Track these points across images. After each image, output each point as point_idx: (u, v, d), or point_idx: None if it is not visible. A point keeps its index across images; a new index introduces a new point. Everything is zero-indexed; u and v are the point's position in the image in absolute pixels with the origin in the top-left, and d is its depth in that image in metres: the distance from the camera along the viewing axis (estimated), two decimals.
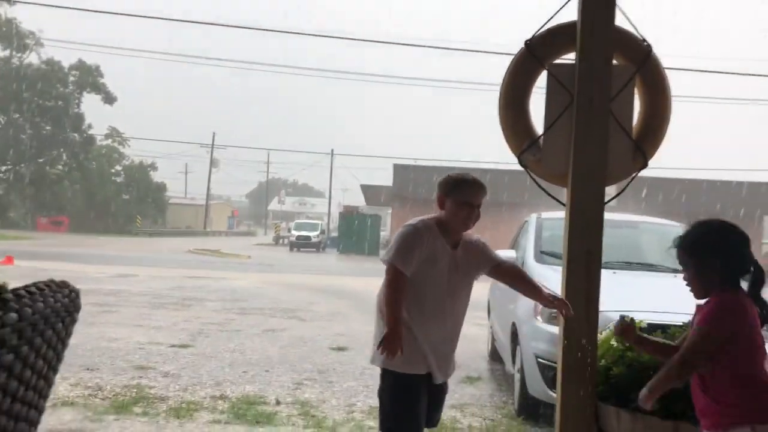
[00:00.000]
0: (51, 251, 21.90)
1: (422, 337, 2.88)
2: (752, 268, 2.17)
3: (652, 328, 3.33)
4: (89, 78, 44.28)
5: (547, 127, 3.27)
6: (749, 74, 23.65)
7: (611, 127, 3.18)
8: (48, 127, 43.46)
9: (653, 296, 4.61)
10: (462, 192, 2.91)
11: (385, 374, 2.94)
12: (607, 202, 3.22)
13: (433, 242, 2.89)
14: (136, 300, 10.63)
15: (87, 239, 34.22)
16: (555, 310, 3.21)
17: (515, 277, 3.11)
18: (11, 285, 1.38)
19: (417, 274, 2.87)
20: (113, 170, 48.84)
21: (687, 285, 2.26)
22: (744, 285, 2.19)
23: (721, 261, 2.16)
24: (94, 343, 6.76)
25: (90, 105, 45.47)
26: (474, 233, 3.07)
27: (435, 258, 2.89)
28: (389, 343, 2.75)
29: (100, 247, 27.52)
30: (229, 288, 13.26)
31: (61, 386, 4.93)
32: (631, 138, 3.22)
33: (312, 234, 36.38)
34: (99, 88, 44.79)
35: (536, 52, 3.30)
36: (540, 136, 3.30)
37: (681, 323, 3.22)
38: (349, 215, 35.05)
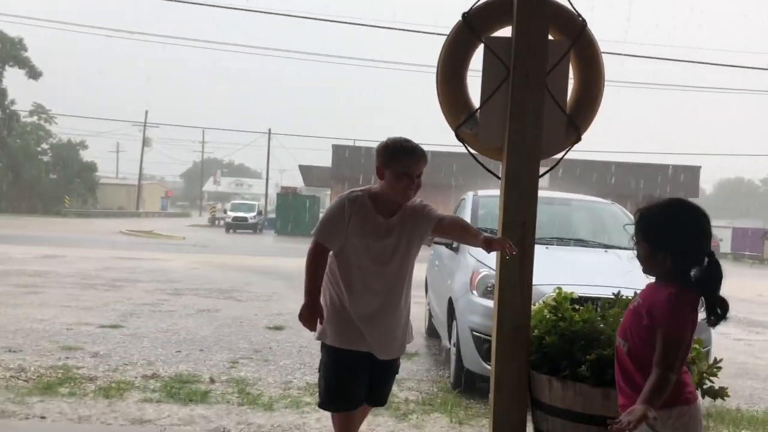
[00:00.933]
0: None
1: (355, 312, 2.85)
2: (708, 262, 2.06)
3: (583, 300, 3.42)
4: (12, 51, 42.22)
5: (484, 100, 3.27)
6: (686, 61, 24.48)
7: (546, 102, 3.20)
8: None
9: (584, 270, 4.74)
10: (400, 163, 2.83)
11: (323, 348, 2.91)
12: (541, 175, 3.26)
13: (361, 214, 2.84)
14: (63, 281, 10.25)
15: (12, 220, 32.81)
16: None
17: (458, 228, 3.01)
18: None
19: (345, 249, 2.84)
20: (39, 148, 46.83)
21: (638, 259, 2.18)
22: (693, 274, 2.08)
23: (674, 251, 2.06)
24: (17, 325, 6.48)
25: (13, 80, 43.43)
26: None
27: (363, 231, 2.84)
28: (305, 314, 2.84)
29: (25, 228, 26.43)
30: (162, 269, 12.95)
31: None
32: (565, 112, 3.25)
33: (248, 215, 35.87)
34: (23, 62, 42.79)
35: (473, 25, 3.28)
36: (477, 109, 3.30)
37: (612, 295, 3.30)
38: (286, 196, 34.69)
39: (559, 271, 4.39)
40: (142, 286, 10.14)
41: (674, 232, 2.08)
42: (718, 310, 2.02)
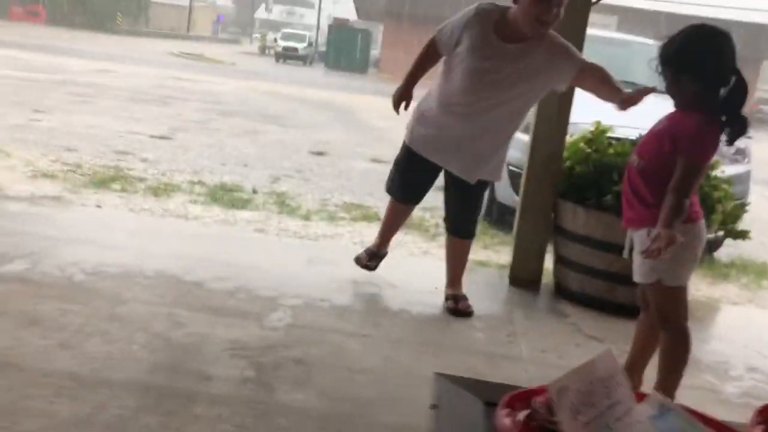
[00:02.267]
0: (25, 42, 21.16)
1: (441, 124, 2.81)
2: (734, 80, 1.99)
3: (621, 139, 3.42)
4: None
5: None
6: None
7: None
8: None
9: (631, 112, 4.66)
10: None
11: (403, 144, 3.01)
12: (593, 3, 3.19)
13: (478, 29, 2.67)
14: (115, 94, 10.49)
15: (64, 33, 32.99)
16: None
17: (599, 79, 2.68)
18: None
19: (453, 59, 2.74)
20: None
21: (665, 91, 2.10)
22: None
23: (697, 72, 2.00)
24: (72, 129, 6.77)
25: None
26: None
27: (473, 46, 2.67)
28: (395, 94, 2.90)
29: (78, 42, 26.62)
30: (211, 91, 13.09)
31: (41, 161, 5.01)
32: None
33: (299, 46, 35.30)
34: None
35: None
36: None
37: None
38: (338, 28, 33.85)
39: (600, 110, 4.34)
40: (191, 105, 10.34)
41: (696, 52, 2.02)
42: (737, 128, 2.02)
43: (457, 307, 2.90)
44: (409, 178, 3.02)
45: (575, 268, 3.23)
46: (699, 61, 2.01)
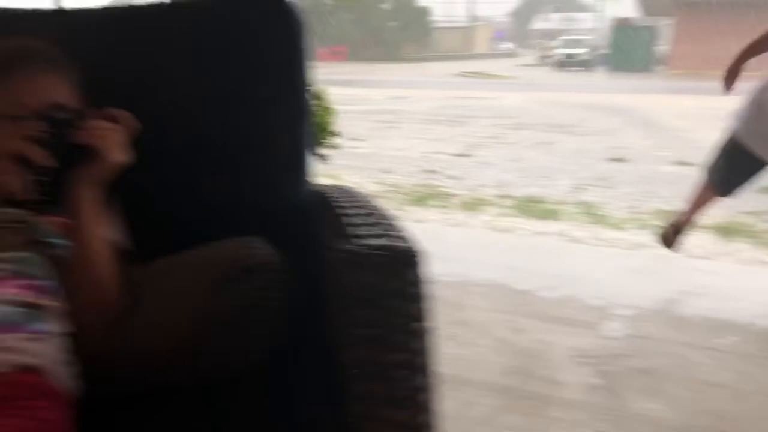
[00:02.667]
0: (334, 78, 23.82)
1: None
2: None
3: None
4: None
5: None
6: None
7: None
8: None
9: None
10: None
11: (731, 138, 2.70)
12: None
13: None
14: (413, 117, 11.32)
15: (362, 66, 36.43)
16: None
17: None
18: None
19: None
20: None
21: None
22: None
23: None
24: (385, 152, 7.48)
25: None
26: None
27: None
28: (727, 69, 2.63)
29: (374, 73, 29.19)
30: (497, 106, 13.43)
31: (367, 183, 5.63)
32: None
33: (579, 51, 34.48)
34: None
35: None
36: None
37: None
38: (620, 29, 32.38)
39: None
40: (482, 122, 10.72)
41: None
42: None
43: None
44: (736, 175, 2.78)
45: None
46: None
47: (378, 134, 9.09)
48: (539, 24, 70.04)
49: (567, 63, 33.92)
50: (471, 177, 6.08)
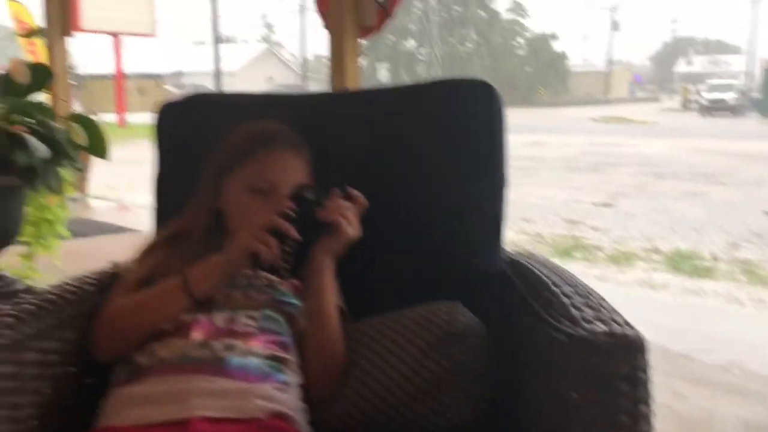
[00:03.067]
0: None
1: None
2: None
3: None
4: None
5: None
6: None
7: None
8: (457, 8, 46.45)
9: None
10: None
11: None
12: None
13: None
14: (551, 164, 11.21)
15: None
16: None
17: None
18: None
19: None
20: (515, 43, 50.31)
21: None
22: None
23: None
24: (525, 200, 7.47)
25: None
26: None
27: None
28: None
29: (510, 117, 29.12)
30: (638, 153, 13.01)
31: (509, 233, 5.65)
32: None
33: (727, 96, 32.66)
34: None
35: None
36: None
37: None
38: None
39: None
40: (624, 170, 10.44)
41: None
42: None
43: None
44: None
45: None
46: None
47: (516, 181, 9.02)
48: (682, 67, 67.25)
49: (713, 108, 32.21)
50: (615, 228, 5.94)
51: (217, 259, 1.07)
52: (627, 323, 0.86)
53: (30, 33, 4.87)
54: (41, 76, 3.17)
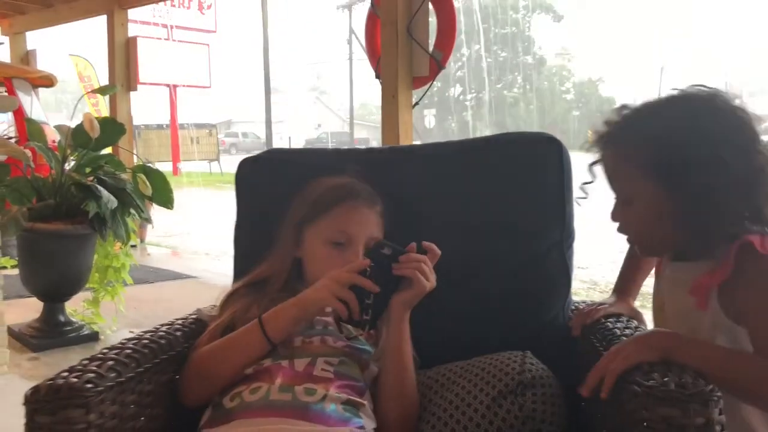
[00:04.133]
0: None
1: None
2: None
3: None
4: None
5: None
6: None
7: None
8: (503, 54, 46.94)
9: None
10: None
11: None
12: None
13: None
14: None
15: None
16: None
17: None
18: None
19: None
20: (563, 88, 50.41)
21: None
22: None
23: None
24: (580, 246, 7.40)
25: (539, 26, 47.53)
26: None
27: None
28: None
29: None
30: None
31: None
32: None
33: None
34: (547, 8, 46.39)
35: None
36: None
37: None
38: None
39: None
40: None
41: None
42: None
43: None
44: None
45: None
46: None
47: None
48: None
49: None
50: None
51: (291, 304, 1.13)
52: (697, 375, 0.87)
53: (102, 90, 5.13)
54: (114, 130, 3.35)
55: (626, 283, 1.34)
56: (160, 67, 14.08)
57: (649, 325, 1.27)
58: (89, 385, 0.93)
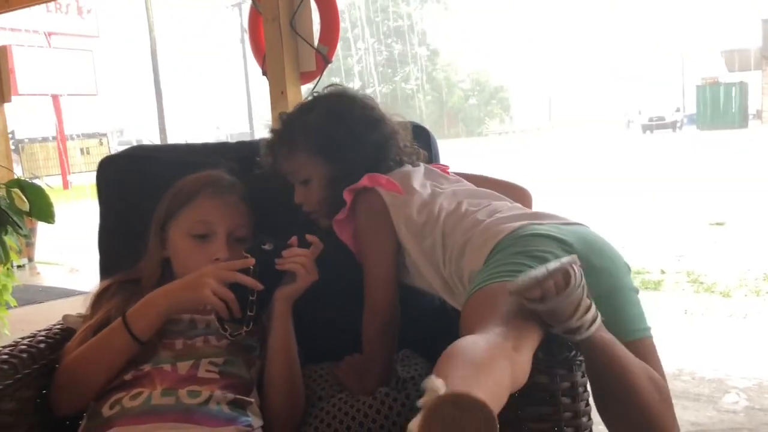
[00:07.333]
0: None
1: None
2: None
3: None
4: None
5: None
6: None
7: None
8: (398, 46, 47.47)
9: None
10: None
11: None
12: None
13: None
14: None
15: (443, 144, 37.03)
16: None
17: None
18: None
19: None
20: (458, 77, 51.54)
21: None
22: None
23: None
24: None
25: (431, 17, 48.31)
26: None
27: None
28: None
29: (457, 150, 29.60)
30: None
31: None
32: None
33: (666, 113, 34.02)
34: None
35: None
36: None
37: None
38: (706, 88, 31.80)
39: None
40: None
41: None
42: None
43: None
44: None
45: None
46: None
47: None
48: None
49: (653, 126, 33.54)
50: None
51: (159, 295, 1.09)
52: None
53: None
54: None
55: None
56: (40, 76, 13.35)
57: None
58: None
